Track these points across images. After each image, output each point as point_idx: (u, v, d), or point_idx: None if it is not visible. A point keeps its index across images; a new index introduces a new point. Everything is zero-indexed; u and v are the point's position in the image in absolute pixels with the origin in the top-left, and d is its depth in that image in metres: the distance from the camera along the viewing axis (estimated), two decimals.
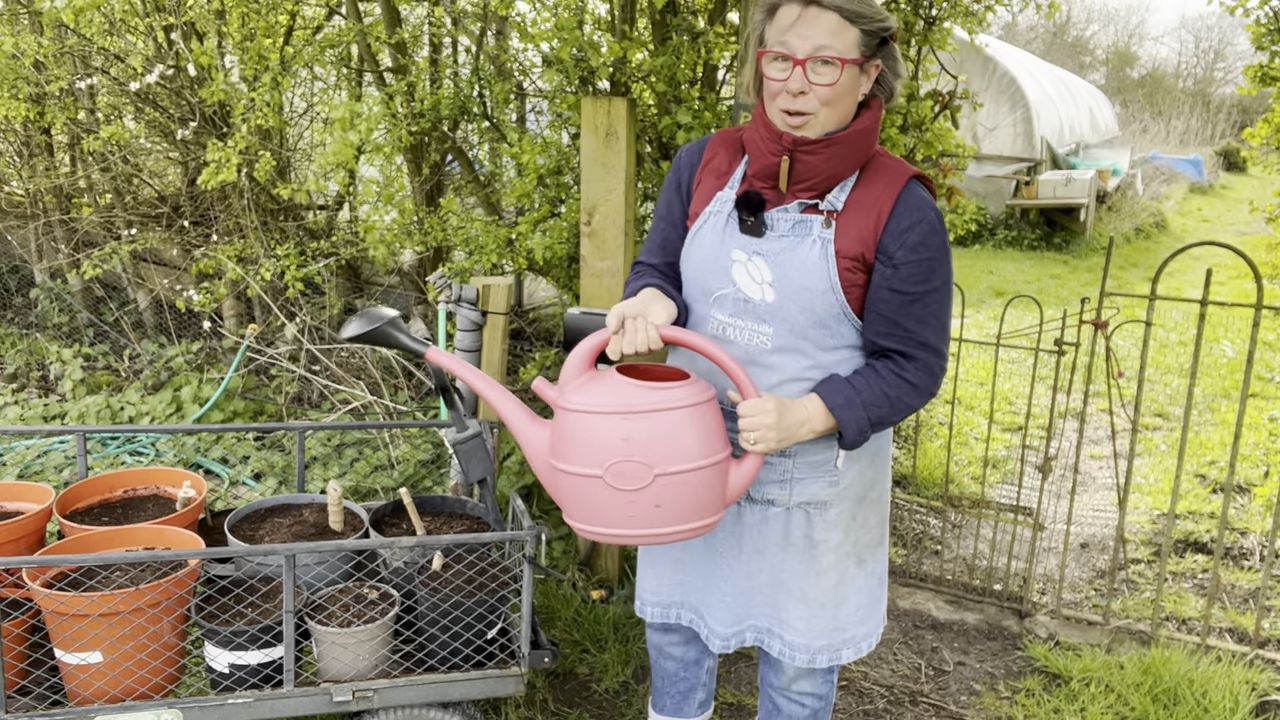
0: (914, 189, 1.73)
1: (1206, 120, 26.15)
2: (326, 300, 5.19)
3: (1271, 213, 8.49)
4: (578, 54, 3.23)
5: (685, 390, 1.67)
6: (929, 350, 1.75)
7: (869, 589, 2.00)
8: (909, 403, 1.76)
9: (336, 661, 2.18)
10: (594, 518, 1.69)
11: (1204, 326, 2.90)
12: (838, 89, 1.67)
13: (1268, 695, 2.81)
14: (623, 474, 1.63)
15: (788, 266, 1.75)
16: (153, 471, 2.69)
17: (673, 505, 1.66)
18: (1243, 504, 4.22)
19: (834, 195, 1.75)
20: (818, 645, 1.96)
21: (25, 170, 5.47)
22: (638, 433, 1.62)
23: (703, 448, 1.66)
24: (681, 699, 2.29)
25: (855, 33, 1.66)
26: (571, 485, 1.69)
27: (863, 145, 1.74)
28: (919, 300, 1.73)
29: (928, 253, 1.71)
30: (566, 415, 1.68)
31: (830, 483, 1.89)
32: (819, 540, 1.91)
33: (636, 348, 1.69)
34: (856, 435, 1.75)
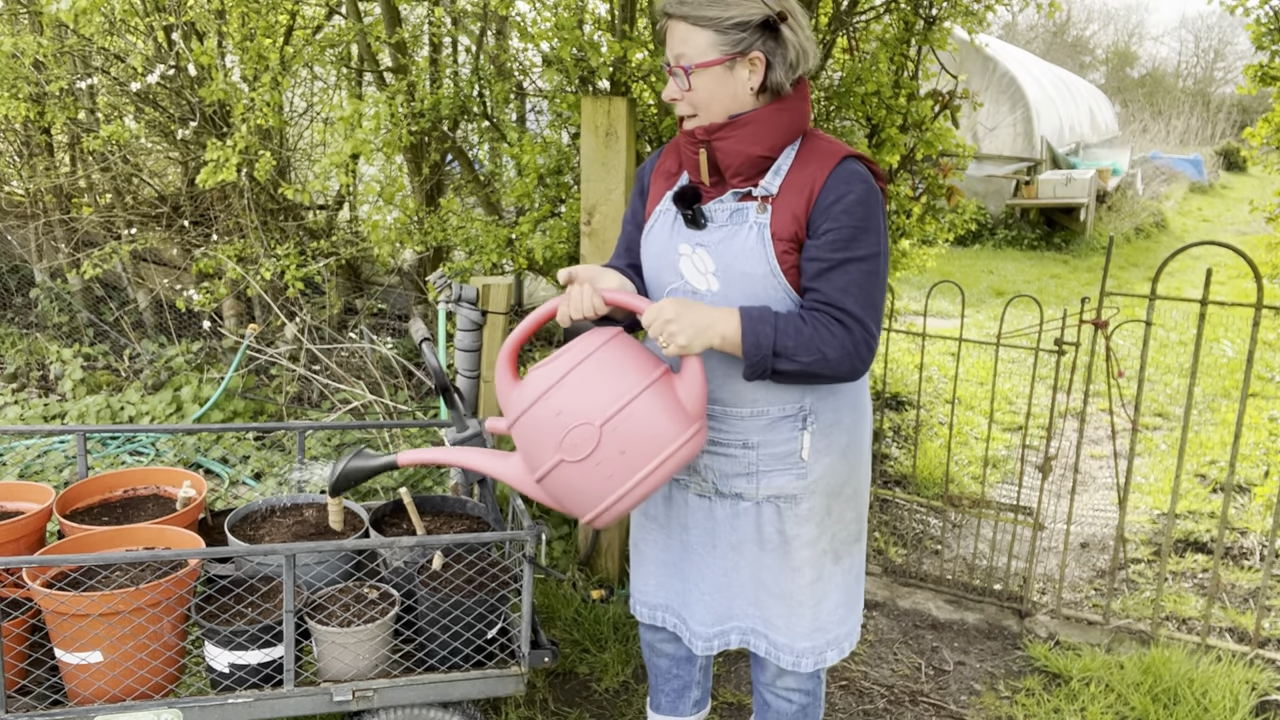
0: (847, 165, 1.74)
1: (1206, 120, 26.15)
2: (326, 300, 5.19)
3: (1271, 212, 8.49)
4: (578, 54, 3.23)
5: (583, 343, 1.72)
6: (850, 318, 1.70)
7: (847, 586, 1.99)
8: (823, 352, 1.69)
9: (336, 661, 2.18)
10: (590, 500, 1.70)
11: (1204, 326, 2.90)
12: (700, 93, 1.74)
13: (1268, 695, 2.81)
14: (575, 445, 1.65)
15: (728, 255, 1.78)
16: (153, 471, 2.69)
17: (637, 443, 1.66)
18: (1243, 504, 4.22)
19: (768, 181, 1.78)
20: (801, 647, 1.95)
21: (25, 170, 5.47)
22: (561, 402, 1.66)
23: (626, 380, 1.68)
24: (676, 697, 2.29)
25: (707, 35, 1.71)
26: (553, 487, 1.72)
27: (780, 124, 1.76)
28: (839, 267, 1.71)
29: (850, 220, 1.70)
30: (515, 434, 1.74)
31: (798, 475, 1.88)
32: (792, 535, 1.90)
33: (583, 313, 1.75)
34: (754, 351, 1.69)
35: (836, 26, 3.67)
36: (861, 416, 1.96)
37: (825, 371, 1.71)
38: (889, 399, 5.42)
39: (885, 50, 3.60)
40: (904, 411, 5.30)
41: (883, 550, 3.75)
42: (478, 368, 3.34)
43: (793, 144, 1.80)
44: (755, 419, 1.87)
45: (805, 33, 1.77)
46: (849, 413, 1.91)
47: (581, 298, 1.76)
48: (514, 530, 2.43)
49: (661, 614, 2.12)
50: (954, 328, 7.05)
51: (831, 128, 3.53)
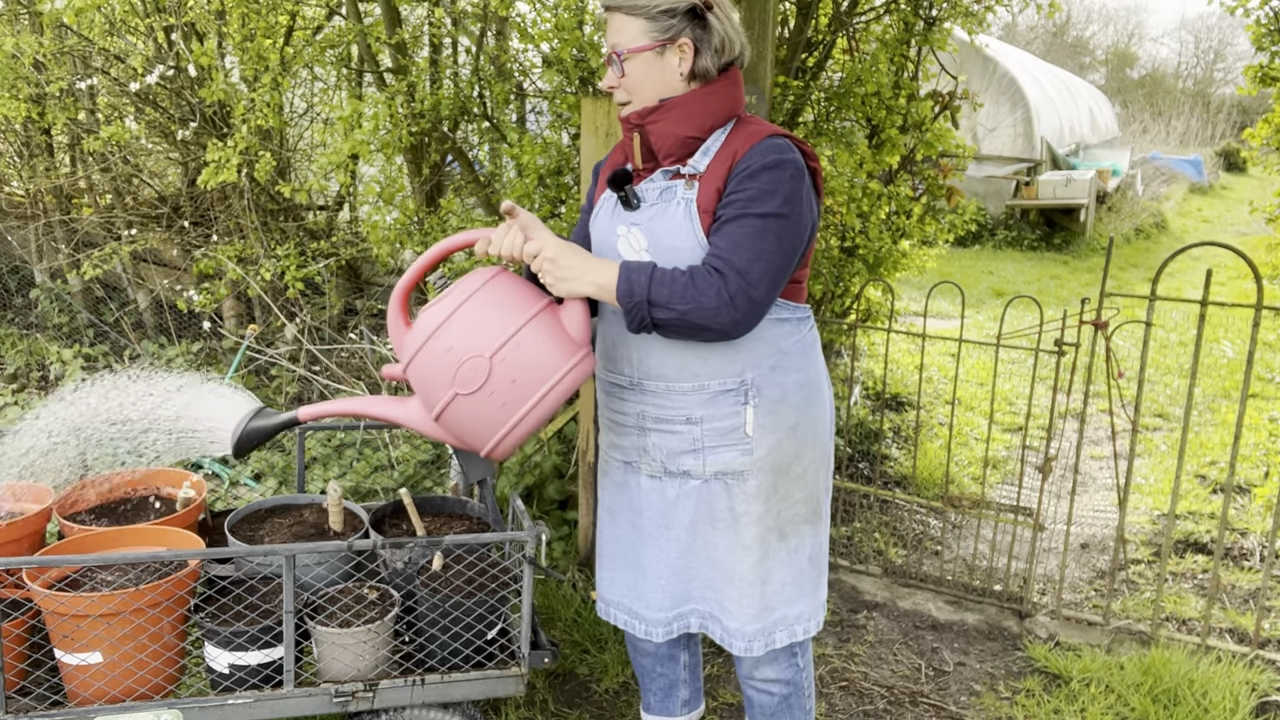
0: (767, 141, 1.78)
1: (1206, 120, 26.16)
2: (326, 300, 5.19)
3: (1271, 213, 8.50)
4: (578, 54, 3.24)
5: (467, 281, 1.78)
6: (730, 268, 1.71)
7: (796, 566, 1.98)
8: (699, 301, 1.70)
9: (336, 661, 2.18)
10: (487, 431, 1.77)
11: (1204, 327, 2.90)
12: (633, 78, 1.84)
13: (1268, 696, 2.81)
14: (468, 378, 1.73)
15: (658, 231, 1.85)
16: (153, 472, 2.69)
17: (527, 371, 1.74)
18: (1243, 504, 4.22)
19: (696, 160, 1.85)
20: (750, 630, 1.97)
21: (25, 170, 5.47)
22: (451, 338, 1.73)
23: (512, 312, 1.75)
24: (664, 696, 2.29)
25: (639, 22, 1.81)
26: (452, 422, 1.78)
27: (709, 107, 1.84)
28: (734, 221, 1.74)
29: (755, 184, 1.74)
30: (410, 376, 1.79)
31: (743, 451, 1.90)
32: (741, 513, 1.93)
33: (508, 253, 1.78)
34: (628, 298, 1.73)
35: (836, 27, 3.67)
36: (812, 396, 1.96)
37: (702, 321, 1.71)
38: (889, 399, 5.42)
39: (885, 51, 3.60)
40: (904, 412, 5.30)
41: (883, 551, 3.75)
42: None
43: (724, 127, 1.86)
44: (696, 393, 1.90)
45: (732, 22, 1.86)
46: (796, 390, 1.93)
47: (510, 237, 1.78)
48: (514, 531, 2.43)
49: (614, 610, 2.13)
50: (954, 328, 7.05)
51: (831, 128, 3.54)
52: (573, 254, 1.78)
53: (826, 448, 2.02)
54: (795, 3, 3.53)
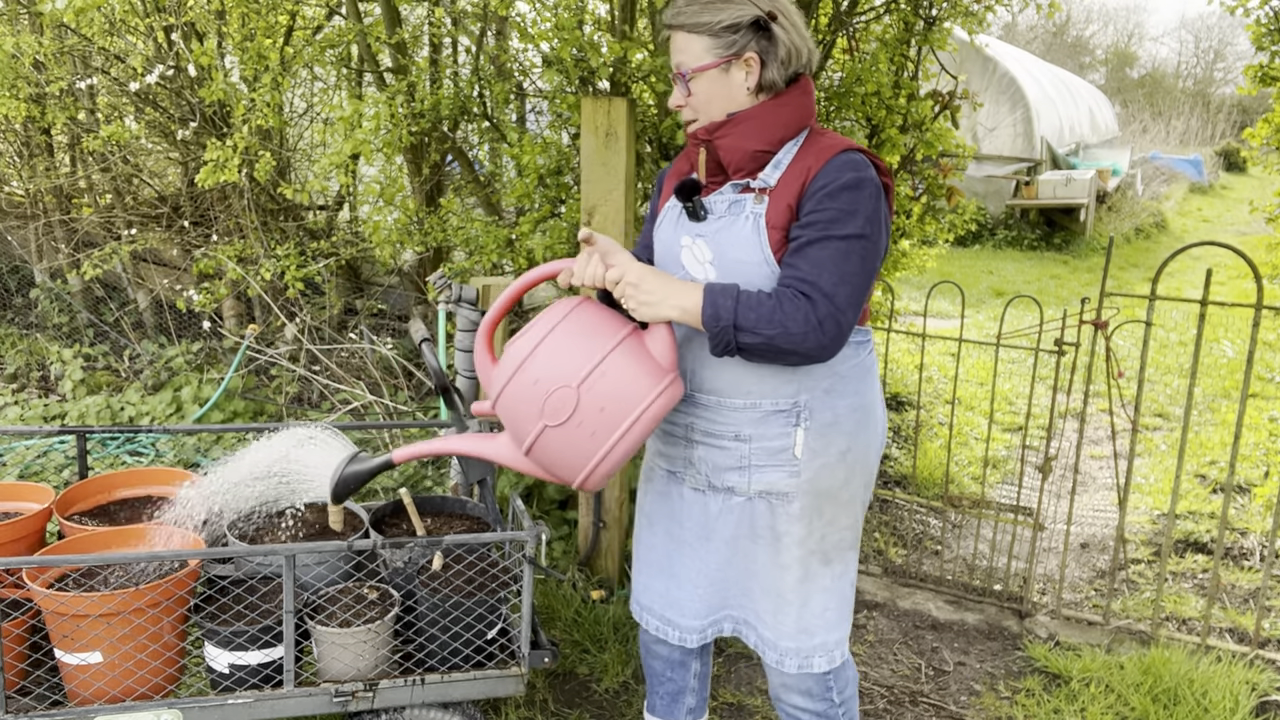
0: (843, 156, 1.75)
1: (1206, 120, 26.16)
2: (326, 300, 5.19)
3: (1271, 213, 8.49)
4: (578, 54, 3.23)
5: (551, 312, 1.76)
6: (818, 293, 1.68)
7: (839, 592, 1.95)
8: (786, 325, 1.67)
9: (336, 661, 2.18)
10: (578, 462, 1.75)
11: (1204, 326, 2.90)
12: (700, 96, 1.82)
13: (1268, 695, 2.81)
14: (556, 409, 1.71)
15: (724, 244, 1.82)
16: (153, 472, 2.69)
17: (615, 399, 1.71)
18: (1243, 504, 4.22)
19: (766, 173, 1.81)
20: (785, 646, 1.94)
21: (25, 170, 5.47)
22: (536, 370, 1.71)
23: (596, 341, 1.73)
24: (671, 701, 2.28)
25: (702, 40, 1.78)
26: (543, 455, 1.77)
27: (778, 119, 1.81)
28: (816, 244, 1.71)
29: (835, 204, 1.71)
30: (499, 411, 1.79)
31: (790, 473, 1.87)
32: (783, 533, 1.90)
33: (590, 281, 1.77)
34: (713, 322, 1.69)
35: (836, 27, 3.67)
36: (865, 422, 1.92)
37: (789, 346, 1.68)
38: (889, 399, 5.42)
39: (885, 51, 3.60)
40: (904, 412, 5.30)
41: (883, 550, 3.75)
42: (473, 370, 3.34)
43: (795, 139, 1.83)
44: (748, 411, 1.87)
45: (799, 31, 1.81)
46: (850, 415, 1.89)
47: (591, 266, 1.77)
48: (514, 531, 2.43)
49: (647, 615, 2.11)
50: (954, 328, 7.05)
51: (831, 128, 3.53)
52: (654, 278, 1.75)
53: (872, 474, 1.98)
54: (795, 3, 3.54)
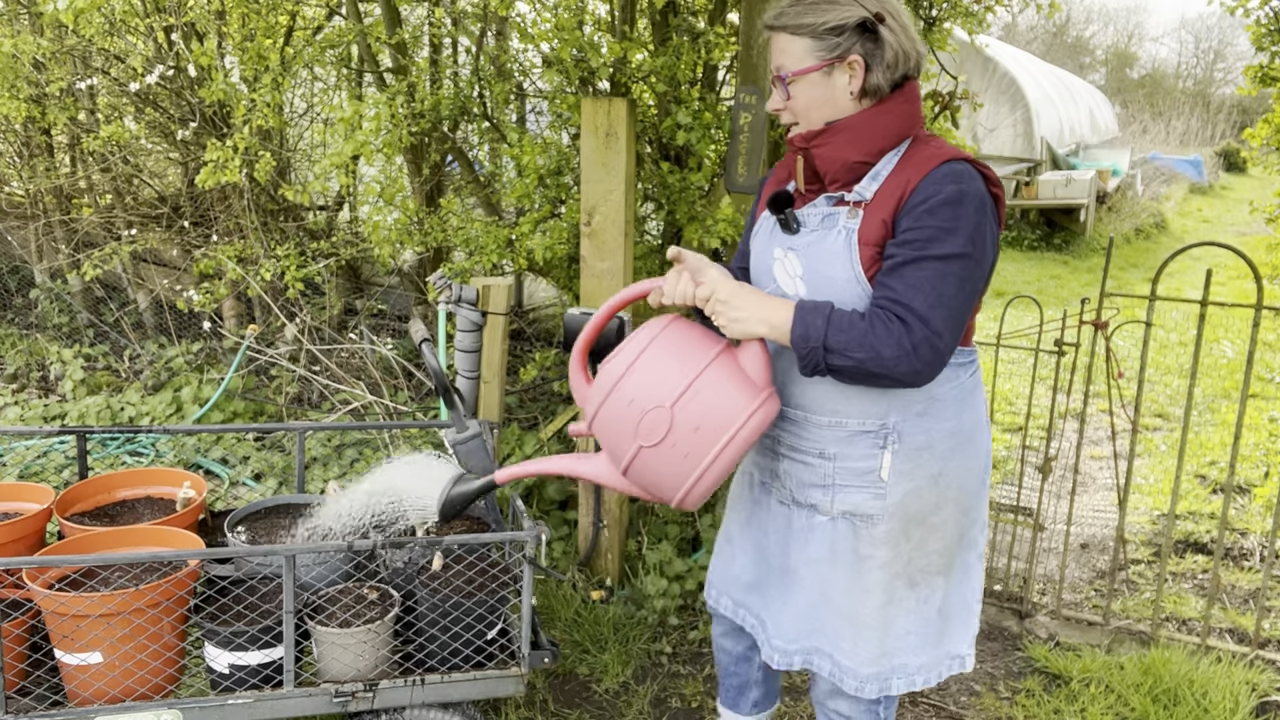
0: (944, 167, 1.67)
1: (1206, 121, 26.15)
2: (326, 300, 5.19)
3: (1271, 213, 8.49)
4: (578, 54, 3.23)
5: (643, 333, 1.75)
6: (914, 316, 1.61)
7: (923, 617, 1.89)
8: (880, 349, 1.61)
9: (336, 661, 2.18)
10: (675, 482, 1.74)
11: (1204, 327, 2.90)
12: (801, 100, 1.74)
13: (1268, 696, 2.81)
14: (651, 430, 1.69)
15: (815, 259, 1.76)
16: (153, 472, 2.69)
17: (709, 418, 1.69)
18: (1243, 504, 4.22)
19: (863, 186, 1.74)
20: (866, 672, 1.88)
21: (25, 170, 5.47)
22: (630, 390, 1.70)
23: (690, 359, 1.71)
24: (736, 694, 2.26)
25: (804, 42, 1.71)
26: (639, 475, 1.76)
27: (879, 129, 1.72)
28: (912, 264, 1.63)
29: (933, 221, 1.63)
30: (596, 431, 1.79)
31: (875, 495, 1.81)
32: (865, 556, 1.83)
33: (679, 300, 1.76)
34: (803, 343, 1.65)
35: None
36: (963, 446, 1.84)
37: (880, 370, 1.62)
38: None
39: None
40: None
41: None
42: (478, 368, 3.34)
43: (897, 149, 1.75)
44: (833, 429, 1.81)
45: (907, 33, 1.73)
46: (946, 440, 1.81)
47: (681, 284, 1.76)
48: (514, 531, 2.43)
49: (729, 604, 2.08)
50: None
51: None
52: (744, 294, 1.71)
53: (975, 498, 1.90)
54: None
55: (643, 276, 3.47)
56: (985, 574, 3.58)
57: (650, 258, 3.56)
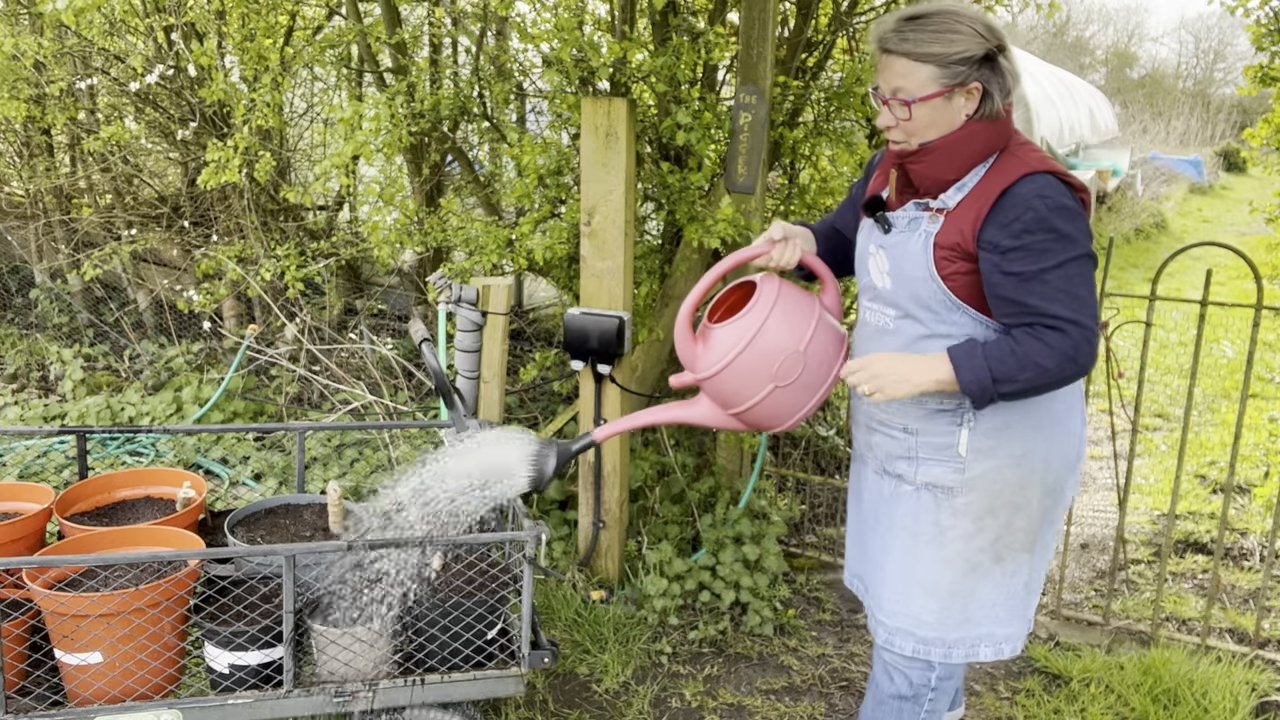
0: (1025, 183, 1.77)
1: (1206, 121, 26.14)
2: (326, 300, 5.19)
3: (1271, 213, 8.48)
4: (578, 54, 3.23)
5: (766, 292, 2.01)
6: (1062, 321, 1.74)
7: (1010, 591, 2.00)
8: (1041, 363, 1.74)
9: (336, 661, 2.18)
10: (789, 412, 2.04)
11: (1204, 327, 2.90)
12: (917, 122, 1.83)
13: (1268, 696, 2.81)
14: (788, 371, 1.98)
15: (899, 258, 1.90)
16: (153, 472, 2.69)
17: (826, 354, 2.02)
18: (1243, 504, 4.22)
19: (949, 195, 1.86)
20: (952, 638, 2.00)
21: (25, 170, 5.47)
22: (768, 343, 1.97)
23: (806, 311, 2.01)
24: None
25: (928, 69, 1.79)
26: (760, 412, 2.04)
27: (971, 149, 1.83)
28: (1037, 279, 1.75)
29: (1035, 238, 1.74)
30: (716, 379, 2.02)
31: (955, 469, 1.93)
32: (947, 527, 1.96)
33: (784, 263, 2.05)
34: (976, 386, 1.77)
35: (836, 27, 3.67)
36: (1048, 431, 1.94)
37: (1048, 380, 1.76)
38: None
39: None
40: None
41: None
42: (478, 368, 3.34)
43: (986, 161, 1.85)
44: (914, 406, 1.94)
45: (1013, 58, 1.84)
46: (1025, 421, 1.91)
47: (789, 251, 2.04)
48: (514, 531, 2.43)
49: (853, 579, 2.23)
50: None
51: (831, 128, 3.54)
52: (897, 363, 1.84)
53: (1061, 481, 2.00)
54: (795, 3, 3.54)
55: (643, 276, 3.47)
56: None
57: (650, 257, 3.56)
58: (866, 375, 1.86)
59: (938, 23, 1.78)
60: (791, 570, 3.50)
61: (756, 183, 3.19)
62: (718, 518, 3.36)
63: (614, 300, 3.06)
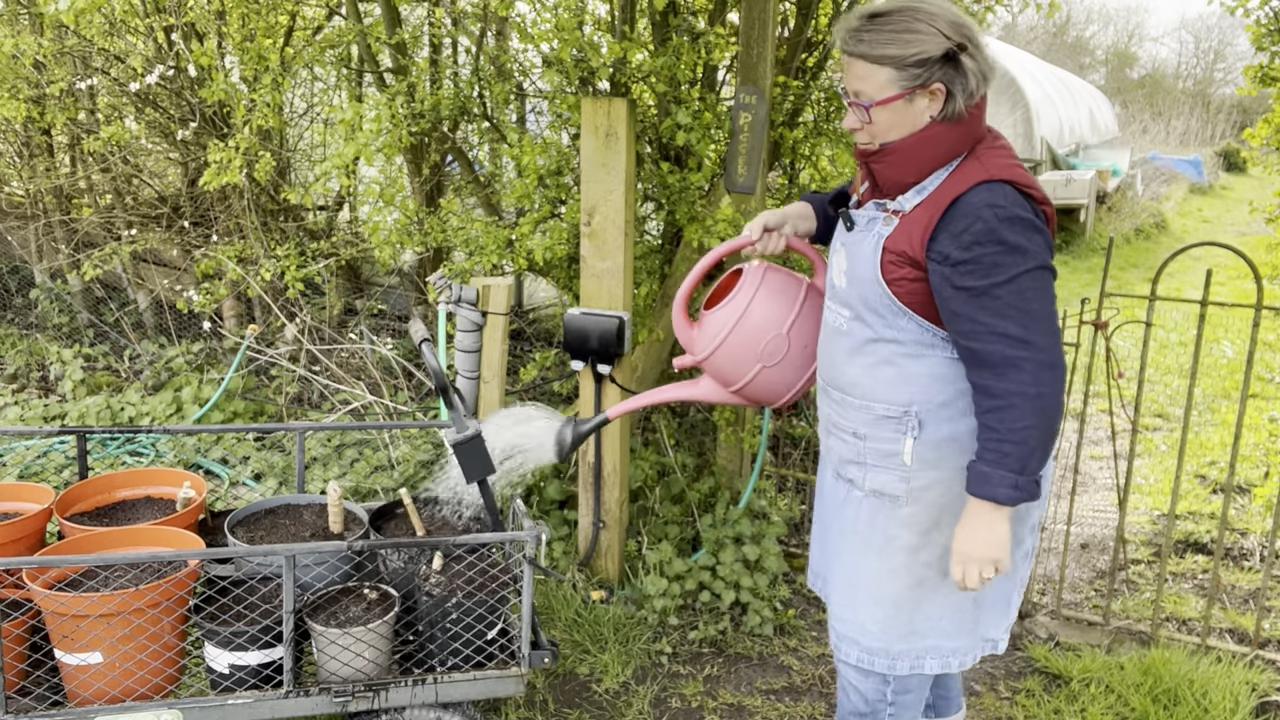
0: (977, 192, 1.72)
1: (1206, 121, 26.14)
2: (326, 300, 5.19)
3: (1271, 213, 8.48)
4: (578, 55, 3.23)
5: (748, 281, 2.12)
6: (1012, 342, 1.69)
7: (957, 605, 1.95)
8: (1027, 422, 1.69)
9: (336, 662, 2.18)
10: (781, 390, 2.17)
11: (1204, 327, 2.90)
12: (878, 125, 1.81)
13: (1268, 696, 2.81)
14: (773, 352, 2.10)
15: (854, 258, 1.89)
16: (153, 472, 2.69)
17: (810, 334, 2.12)
18: (1243, 504, 4.22)
19: (907, 197, 1.82)
20: (898, 649, 1.97)
21: (25, 170, 5.47)
22: (752, 324, 2.09)
23: (790, 295, 2.12)
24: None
25: (886, 72, 1.75)
26: (755, 388, 2.16)
27: (927, 153, 1.79)
28: (988, 294, 1.70)
29: (985, 250, 1.69)
30: (711, 360, 2.16)
31: (900, 477, 1.89)
32: (892, 536, 1.92)
33: (770, 251, 2.11)
34: (1012, 494, 1.72)
35: None
36: None
37: (1042, 420, 1.70)
38: None
39: None
40: None
41: None
42: (478, 368, 3.34)
43: (950, 164, 1.80)
44: (862, 411, 1.92)
45: (982, 53, 1.78)
46: (971, 433, 1.85)
47: (773, 241, 2.11)
48: (514, 531, 2.43)
49: (816, 580, 2.21)
50: None
51: (831, 128, 3.53)
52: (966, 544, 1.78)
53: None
54: (795, 3, 3.54)
55: (643, 277, 3.47)
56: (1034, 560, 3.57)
57: (650, 258, 3.56)
58: (962, 571, 1.80)
59: (896, 22, 1.73)
60: (791, 570, 3.50)
61: (756, 183, 3.19)
62: (718, 518, 3.36)
63: (614, 300, 3.06)
